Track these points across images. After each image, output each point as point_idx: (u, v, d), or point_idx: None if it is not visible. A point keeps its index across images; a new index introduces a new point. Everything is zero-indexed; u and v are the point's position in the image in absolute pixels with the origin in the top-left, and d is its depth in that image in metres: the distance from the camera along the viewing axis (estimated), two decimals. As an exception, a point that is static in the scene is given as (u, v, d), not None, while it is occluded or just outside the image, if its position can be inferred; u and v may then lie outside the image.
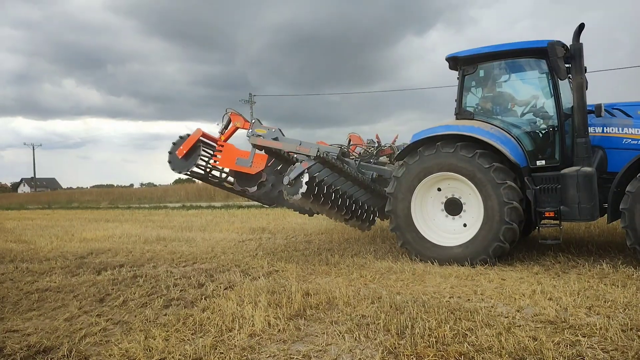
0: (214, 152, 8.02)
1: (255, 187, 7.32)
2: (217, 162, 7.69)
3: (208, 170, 8.25)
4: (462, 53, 7.43)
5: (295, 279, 6.40)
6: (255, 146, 7.51)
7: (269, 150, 7.70)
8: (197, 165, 8.00)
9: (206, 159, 8.25)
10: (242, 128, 7.85)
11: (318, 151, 7.03)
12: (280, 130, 7.52)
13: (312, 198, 7.03)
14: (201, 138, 7.81)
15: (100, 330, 4.69)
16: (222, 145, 7.92)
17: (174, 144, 7.84)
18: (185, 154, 7.72)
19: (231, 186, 8.54)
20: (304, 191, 6.82)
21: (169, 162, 7.81)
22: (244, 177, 7.62)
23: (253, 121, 7.65)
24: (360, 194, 8.13)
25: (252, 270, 7.13)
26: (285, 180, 7.03)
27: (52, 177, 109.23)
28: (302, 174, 6.91)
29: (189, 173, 7.80)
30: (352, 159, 8.47)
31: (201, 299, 5.61)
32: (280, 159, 8.03)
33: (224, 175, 8.55)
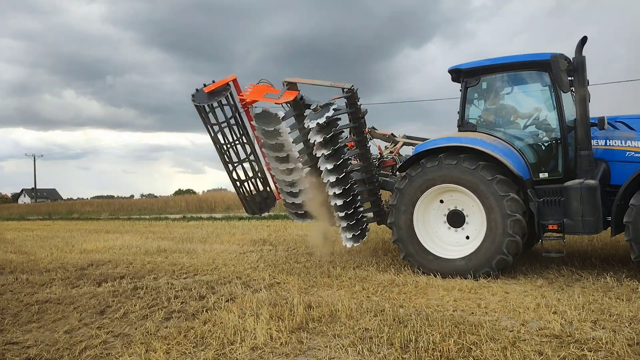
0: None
1: (272, 129, 7.31)
2: (246, 96, 7.70)
3: (229, 117, 8.10)
4: (465, 65, 7.44)
5: (297, 291, 6.35)
6: (288, 84, 7.61)
7: (296, 106, 7.81)
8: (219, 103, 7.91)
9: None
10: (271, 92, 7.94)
11: (352, 86, 7.24)
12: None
13: (330, 134, 7.12)
14: (231, 83, 7.86)
15: (101, 342, 4.65)
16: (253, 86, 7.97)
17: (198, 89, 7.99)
18: (212, 90, 7.78)
19: (230, 171, 8.46)
20: (329, 114, 6.97)
21: (192, 96, 7.88)
22: (265, 117, 7.64)
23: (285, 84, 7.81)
24: (363, 187, 8.14)
25: (254, 283, 7.09)
26: (313, 105, 7.19)
27: (52, 188, 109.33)
28: (331, 104, 7.11)
29: (207, 106, 7.80)
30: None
31: (202, 311, 5.57)
32: (300, 120, 7.99)
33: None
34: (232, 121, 8.13)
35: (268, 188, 8.85)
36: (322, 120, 6.93)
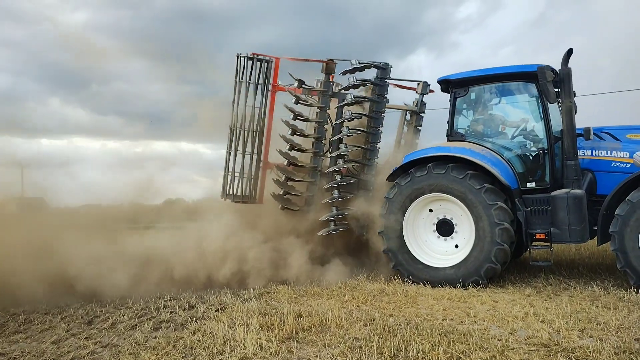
0: None
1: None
2: (284, 57, 8.51)
3: None
4: (454, 76, 7.53)
5: (287, 300, 6.34)
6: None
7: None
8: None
9: None
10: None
11: (388, 63, 8.26)
12: None
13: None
14: (273, 60, 8.39)
15: (89, 353, 4.61)
16: None
17: None
18: (255, 55, 8.37)
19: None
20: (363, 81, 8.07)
21: (237, 56, 8.44)
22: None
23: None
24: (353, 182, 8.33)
25: (243, 292, 7.05)
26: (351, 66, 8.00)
27: (40, 197, 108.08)
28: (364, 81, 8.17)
29: (244, 60, 8.32)
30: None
31: (192, 321, 5.53)
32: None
33: None
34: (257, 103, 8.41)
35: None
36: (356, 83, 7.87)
